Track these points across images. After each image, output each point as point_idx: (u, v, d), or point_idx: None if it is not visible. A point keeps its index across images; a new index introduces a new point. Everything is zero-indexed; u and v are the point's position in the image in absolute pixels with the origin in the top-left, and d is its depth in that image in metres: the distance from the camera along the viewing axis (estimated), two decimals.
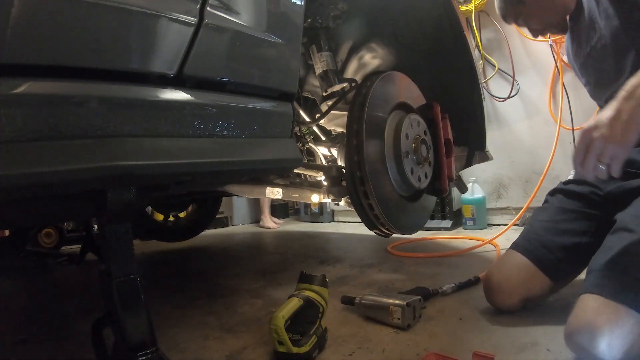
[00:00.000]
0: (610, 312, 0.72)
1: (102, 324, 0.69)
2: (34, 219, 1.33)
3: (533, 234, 1.05)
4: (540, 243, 1.01)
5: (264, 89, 0.88)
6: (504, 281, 1.01)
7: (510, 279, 1.00)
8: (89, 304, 1.32)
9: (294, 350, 0.81)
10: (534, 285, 1.00)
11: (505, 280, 1.01)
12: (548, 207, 1.10)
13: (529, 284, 0.99)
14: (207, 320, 1.13)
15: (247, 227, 3.44)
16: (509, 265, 1.02)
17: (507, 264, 1.03)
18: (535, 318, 0.99)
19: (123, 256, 0.67)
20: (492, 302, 1.04)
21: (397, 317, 0.98)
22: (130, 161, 0.60)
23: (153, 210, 2.40)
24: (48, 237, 2.08)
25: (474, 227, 2.37)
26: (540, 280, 0.99)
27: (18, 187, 0.52)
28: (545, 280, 0.99)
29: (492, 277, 1.03)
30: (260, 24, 0.85)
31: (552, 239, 1.01)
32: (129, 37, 0.62)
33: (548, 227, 1.04)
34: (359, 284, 1.40)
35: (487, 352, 0.77)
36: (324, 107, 1.50)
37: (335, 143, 1.59)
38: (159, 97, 0.67)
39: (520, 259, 1.01)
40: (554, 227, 1.03)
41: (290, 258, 1.96)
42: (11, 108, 0.51)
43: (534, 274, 0.99)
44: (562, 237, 1.00)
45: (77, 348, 0.98)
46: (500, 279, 1.02)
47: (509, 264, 1.02)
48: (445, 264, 1.62)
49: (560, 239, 1.00)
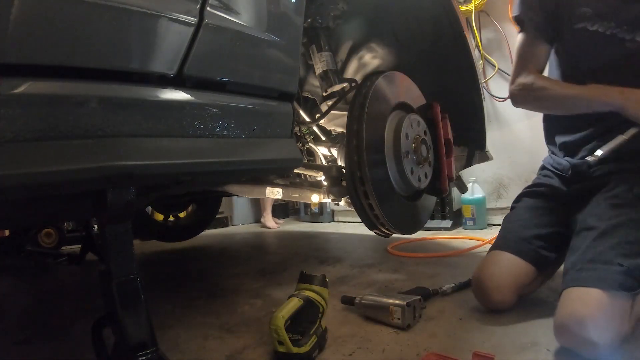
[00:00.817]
0: (592, 298, 0.76)
1: (102, 324, 0.69)
2: (34, 219, 1.33)
3: (508, 232, 1.10)
4: (517, 237, 1.06)
5: (264, 89, 0.88)
6: (492, 279, 1.02)
7: (498, 275, 1.02)
8: (89, 304, 1.32)
9: (294, 350, 0.81)
10: (521, 276, 1.02)
11: (493, 277, 1.02)
12: (515, 211, 1.17)
13: (517, 276, 1.02)
14: (207, 320, 1.13)
15: (247, 227, 3.44)
16: (493, 264, 1.04)
17: (491, 263, 1.05)
18: (535, 318, 0.99)
19: (123, 256, 0.67)
20: (486, 304, 1.04)
21: (397, 317, 0.98)
22: (130, 161, 0.60)
23: (153, 211, 2.40)
24: (48, 237, 2.08)
25: (474, 227, 2.37)
26: (526, 270, 1.02)
27: (18, 187, 0.52)
28: (531, 269, 1.03)
29: (479, 278, 1.04)
30: (260, 24, 0.85)
31: (527, 232, 1.06)
32: (129, 37, 0.62)
33: (520, 224, 1.09)
34: (359, 284, 1.40)
35: (487, 352, 0.77)
36: (324, 107, 1.50)
37: (335, 143, 1.59)
38: (159, 97, 0.67)
39: (503, 255, 1.04)
40: (526, 223, 1.09)
41: (290, 258, 1.96)
42: (11, 108, 0.51)
43: (519, 265, 1.02)
44: (536, 229, 1.06)
45: (77, 348, 0.98)
46: (487, 278, 1.03)
47: (493, 262, 1.04)
48: (445, 264, 1.62)
49: (535, 231, 1.06)
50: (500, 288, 1.00)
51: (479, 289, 1.04)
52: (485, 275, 1.03)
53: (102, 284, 0.67)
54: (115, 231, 0.66)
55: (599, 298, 0.76)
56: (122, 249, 0.67)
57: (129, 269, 0.67)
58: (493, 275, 1.02)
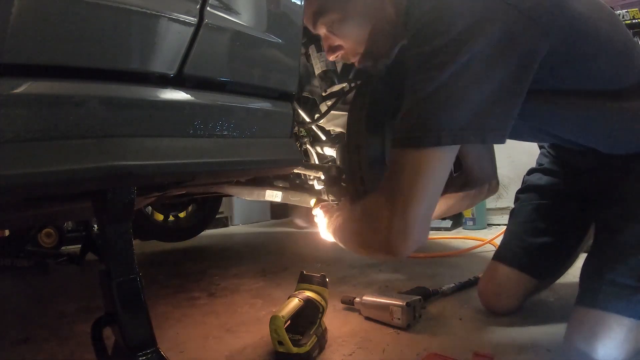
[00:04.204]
0: (604, 323, 0.74)
1: (102, 324, 0.69)
2: (34, 219, 1.33)
3: (513, 239, 1.07)
4: (521, 249, 1.03)
5: (264, 89, 0.88)
6: (497, 291, 1.04)
7: (503, 289, 1.03)
8: (89, 304, 1.32)
9: (294, 350, 0.81)
10: (526, 288, 1.03)
11: (498, 289, 1.04)
12: (521, 206, 1.11)
13: (522, 289, 1.02)
14: (207, 320, 1.13)
15: (247, 227, 3.44)
16: (498, 277, 1.04)
17: (496, 276, 1.05)
18: (535, 318, 0.99)
19: (123, 256, 0.67)
20: (490, 309, 1.06)
21: (397, 317, 0.98)
22: (130, 161, 0.60)
23: (153, 211, 2.40)
24: (48, 237, 2.08)
25: (474, 227, 2.37)
26: (531, 282, 1.02)
27: (18, 187, 0.52)
28: (535, 281, 1.03)
29: (485, 288, 1.07)
30: (260, 24, 0.85)
31: (532, 240, 1.03)
32: (129, 37, 0.62)
33: (525, 228, 1.05)
34: (359, 284, 1.40)
35: (487, 352, 0.77)
36: (323, 108, 1.50)
37: (334, 143, 1.59)
38: (159, 97, 0.67)
39: (508, 270, 1.02)
40: (531, 228, 1.04)
41: (290, 258, 1.96)
42: (11, 108, 0.51)
43: (523, 280, 1.02)
44: (541, 237, 1.02)
45: (77, 348, 0.98)
46: (493, 291, 1.04)
47: (498, 276, 1.04)
48: (445, 264, 1.62)
49: (539, 239, 1.02)
50: (507, 300, 1.03)
51: (485, 299, 1.07)
52: (491, 288, 1.05)
53: (102, 284, 0.67)
54: (115, 231, 0.66)
55: (611, 324, 0.74)
56: (122, 249, 0.67)
57: (129, 269, 0.67)
58: (500, 288, 1.03)
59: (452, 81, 0.64)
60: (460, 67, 0.64)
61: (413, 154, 0.67)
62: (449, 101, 0.65)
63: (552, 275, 1.07)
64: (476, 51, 0.63)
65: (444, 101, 0.65)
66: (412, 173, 0.67)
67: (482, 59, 0.64)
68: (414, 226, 0.68)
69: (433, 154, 0.66)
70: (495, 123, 0.67)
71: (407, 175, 0.67)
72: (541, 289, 1.09)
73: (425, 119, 0.66)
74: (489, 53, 0.64)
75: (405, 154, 0.68)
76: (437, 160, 0.67)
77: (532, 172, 1.16)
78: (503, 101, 0.67)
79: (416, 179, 0.67)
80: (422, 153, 0.66)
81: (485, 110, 0.65)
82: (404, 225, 0.67)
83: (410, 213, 0.67)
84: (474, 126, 0.65)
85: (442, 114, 0.65)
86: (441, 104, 0.65)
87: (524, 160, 2.44)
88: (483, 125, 0.66)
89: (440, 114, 0.65)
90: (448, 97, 0.65)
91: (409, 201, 0.67)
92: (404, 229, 0.68)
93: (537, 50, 0.67)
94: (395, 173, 0.70)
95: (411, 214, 0.67)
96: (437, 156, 0.67)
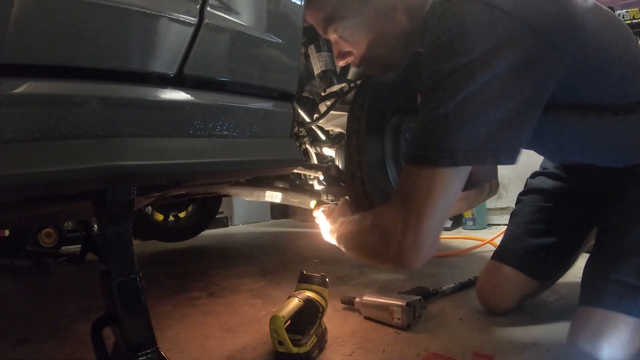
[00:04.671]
0: (609, 323, 0.74)
1: (102, 324, 0.69)
2: (34, 219, 1.33)
3: (513, 239, 1.06)
4: (522, 249, 1.03)
5: (264, 89, 0.88)
6: (495, 290, 1.04)
7: (501, 288, 1.03)
8: (89, 304, 1.32)
9: (294, 350, 0.81)
10: (524, 289, 1.03)
11: (496, 290, 1.04)
12: (523, 207, 1.11)
13: (520, 290, 1.02)
14: (207, 320, 1.13)
15: (247, 227, 3.43)
16: (496, 276, 1.04)
17: (494, 276, 1.05)
18: (535, 318, 0.99)
19: (123, 256, 0.67)
20: (487, 307, 1.06)
21: (397, 317, 0.98)
22: (130, 161, 0.60)
23: (153, 211, 2.40)
24: (48, 237, 2.07)
25: (474, 227, 2.37)
26: (530, 283, 1.02)
27: (18, 187, 0.52)
28: (535, 282, 1.02)
29: (483, 286, 1.07)
30: (260, 24, 0.85)
31: (532, 241, 1.02)
32: (129, 37, 0.62)
33: (526, 229, 1.05)
34: (359, 284, 1.40)
35: (487, 352, 0.77)
36: (323, 108, 1.50)
37: (334, 143, 1.59)
38: (159, 97, 0.67)
39: (507, 270, 1.02)
40: (532, 229, 1.04)
41: (290, 258, 1.96)
42: (11, 108, 0.51)
43: (522, 280, 1.02)
44: (542, 238, 1.02)
45: (77, 348, 0.98)
46: (491, 290, 1.05)
47: (497, 275, 1.04)
48: (445, 264, 1.62)
49: (540, 241, 1.02)
50: (505, 301, 1.03)
51: (483, 299, 1.07)
52: (490, 288, 1.05)
53: (102, 284, 0.67)
54: (115, 231, 0.66)
55: (616, 323, 0.74)
56: (122, 249, 0.67)
57: (129, 269, 0.67)
58: (498, 289, 1.03)
59: (469, 102, 0.65)
60: (477, 89, 0.64)
61: (428, 172, 0.68)
62: (464, 122, 0.65)
63: (550, 277, 1.07)
64: (494, 74, 0.64)
65: (460, 122, 0.65)
66: (426, 190, 0.68)
67: (499, 82, 0.64)
68: (426, 240, 0.69)
69: (447, 173, 0.67)
70: (509, 144, 0.68)
71: (421, 192, 0.68)
72: (539, 292, 1.09)
73: (441, 139, 0.66)
74: (506, 76, 0.65)
75: (420, 171, 0.69)
76: (451, 179, 0.68)
77: (536, 175, 1.16)
78: (518, 123, 0.68)
79: (430, 196, 0.68)
80: (437, 172, 0.67)
81: (500, 131, 0.66)
82: (416, 239, 0.69)
83: (423, 228, 0.68)
84: (489, 147, 0.67)
85: (458, 135, 0.66)
86: (457, 125, 0.66)
87: (524, 160, 2.43)
88: (497, 146, 0.67)
89: (456, 135, 0.66)
90: (464, 118, 0.65)
91: (422, 217, 0.68)
92: (416, 243, 0.69)
93: (554, 74, 0.68)
94: (409, 189, 0.71)
95: (424, 229, 0.68)
96: (451, 175, 0.68)
